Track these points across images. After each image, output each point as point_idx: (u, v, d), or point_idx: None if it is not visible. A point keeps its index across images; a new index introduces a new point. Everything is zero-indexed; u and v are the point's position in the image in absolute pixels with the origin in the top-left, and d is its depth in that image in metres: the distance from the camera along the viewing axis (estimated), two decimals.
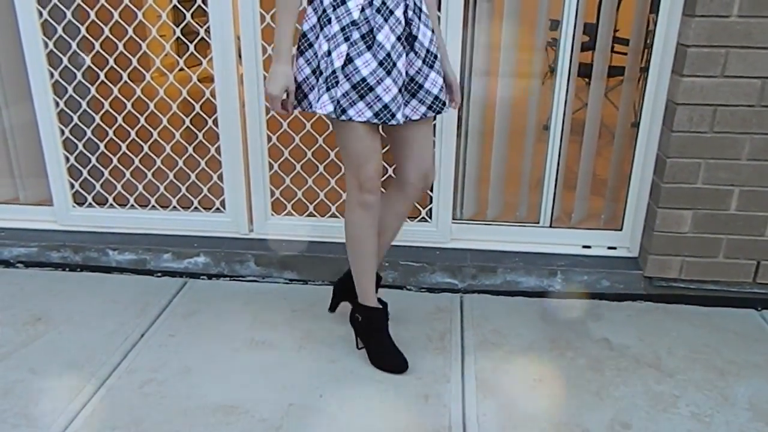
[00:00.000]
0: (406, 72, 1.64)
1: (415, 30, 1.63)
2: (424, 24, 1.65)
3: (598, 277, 2.29)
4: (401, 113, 1.63)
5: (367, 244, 1.82)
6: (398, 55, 1.59)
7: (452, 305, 2.26)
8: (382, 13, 1.57)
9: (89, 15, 2.30)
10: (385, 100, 1.59)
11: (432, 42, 1.67)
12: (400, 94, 1.62)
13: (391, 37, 1.58)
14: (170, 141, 2.47)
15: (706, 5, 1.89)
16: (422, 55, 1.66)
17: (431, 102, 1.70)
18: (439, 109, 1.71)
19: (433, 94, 1.69)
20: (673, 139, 2.05)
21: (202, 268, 2.42)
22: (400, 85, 1.61)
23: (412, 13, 1.62)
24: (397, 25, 1.59)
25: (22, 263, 2.48)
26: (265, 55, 2.26)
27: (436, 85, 1.69)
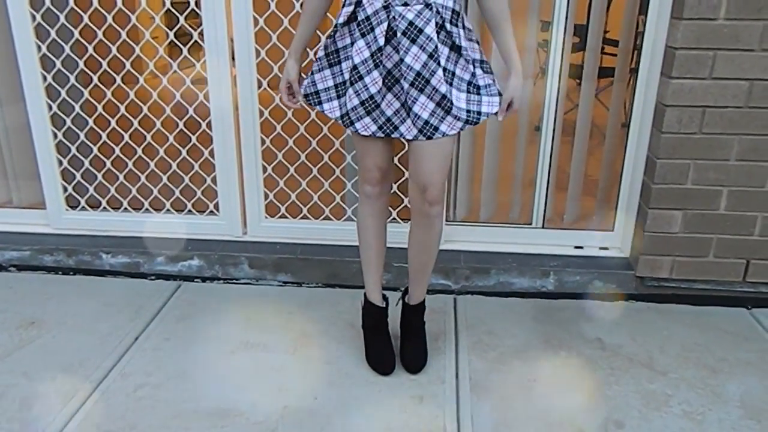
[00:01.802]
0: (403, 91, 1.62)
1: (402, 53, 1.57)
2: (421, 47, 1.57)
3: (590, 278, 2.30)
4: (361, 124, 1.66)
5: (365, 234, 1.89)
6: (367, 71, 1.60)
7: (446, 306, 2.27)
8: (361, 28, 1.59)
9: (82, 19, 2.31)
10: (347, 108, 1.66)
11: (426, 67, 1.58)
12: (362, 107, 1.64)
13: (363, 52, 1.59)
14: (164, 144, 2.47)
15: (694, 8, 1.92)
16: (410, 79, 1.58)
17: (421, 126, 1.62)
18: (430, 134, 1.63)
19: (423, 118, 1.61)
20: (662, 141, 2.07)
21: (196, 271, 2.43)
22: (363, 98, 1.62)
23: (401, 35, 1.56)
24: (373, 42, 1.58)
25: (15, 267, 2.48)
26: (259, 58, 2.27)
27: (426, 110, 1.61)
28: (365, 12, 1.57)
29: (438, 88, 1.59)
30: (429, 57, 1.58)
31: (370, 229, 1.88)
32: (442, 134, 1.63)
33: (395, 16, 1.55)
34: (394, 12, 1.55)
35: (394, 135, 1.67)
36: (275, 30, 2.27)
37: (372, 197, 1.82)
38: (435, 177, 1.70)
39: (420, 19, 1.55)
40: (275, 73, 2.30)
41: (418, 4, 1.55)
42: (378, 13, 1.56)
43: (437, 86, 1.59)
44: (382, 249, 1.91)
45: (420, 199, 1.73)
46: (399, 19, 1.55)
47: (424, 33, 1.56)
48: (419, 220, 1.78)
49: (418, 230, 1.80)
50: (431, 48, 1.57)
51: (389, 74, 1.60)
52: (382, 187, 1.82)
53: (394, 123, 1.65)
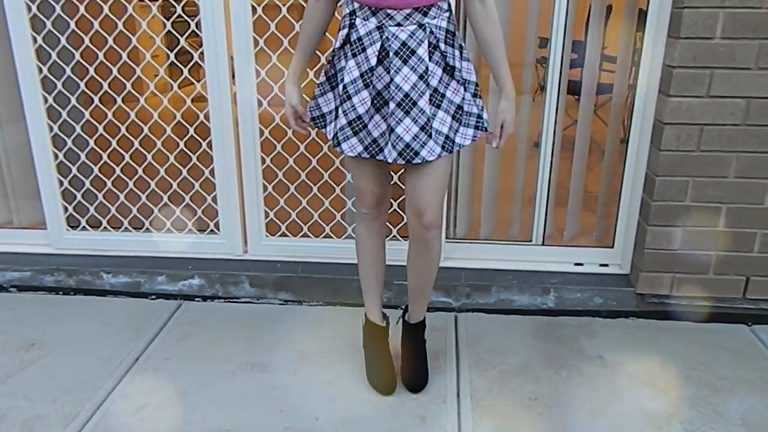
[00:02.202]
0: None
1: (393, 72, 1.56)
2: (412, 68, 1.56)
3: (590, 295, 2.31)
4: (348, 145, 1.63)
5: (364, 255, 1.90)
6: (355, 91, 1.59)
7: (447, 324, 2.27)
8: (353, 48, 1.59)
9: (83, 41, 2.32)
10: (336, 128, 1.65)
11: (415, 88, 1.56)
12: (350, 127, 1.62)
13: (353, 72, 1.59)
14: (164, 164, 2.49)
15: (690, 27, 1.94)
16: (398, 99, 1.56)
17: (401, 149, 1.58)
18: (410, 158, 1.58)
19: (404, 141, 1.57)
20: (661, 158, 2.08)
21: (197, 290, 2.43)
22: (351, 118, 1.61)
23: (394, 55, 1.55)
24: (364, 61, 1.58)
25: (16, 287, 2.48)
26: (259, 78, 2.28)
27: (409, 132, 1.57)
28: (358, 33, 1.58)
29: (424, 109, 1.57)
30: (419, 78, 1.56)
31: (369, 249, 1.88)
32: (421, 159, 1.58)
33: (388, 37, 1.55)
34: (387, 32, 1.55)
35: (378, 157, 1.64)
36: (275, 50, 2.29)
37: (369, 219, 1.83)
38: (430, 201, 1.68)
39: (413, 39, 1.55)
40: (275, 93, 2.32)
41: (411, 25, 1.55)
42: (371, 34, 1.56)
43: (424, 108, 1.57)
44: (381, 268, 1.91)
45: (417, 222, 1.71)
46: (392, 39, 1.55)
47: (416, 54, 1.56)
48: (417, 243, 1.77)
49: (416, 252, 1.80)
50: (422, 69, 1.56)
51: (379, 95, 1.59)
52: (379, 209, 1.82)
53: (380, 145, 1.63)
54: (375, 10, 1.54)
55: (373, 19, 1.55)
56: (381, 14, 1.54)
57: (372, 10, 1.55)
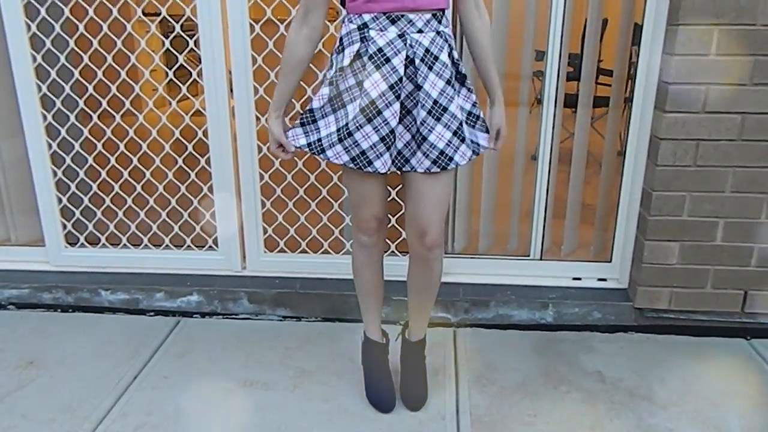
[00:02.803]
0: (416, 121, 1.58)
1: (420, 80, 1.54)
2: (438, 74, 1.55)
3: (589, 309, 2.31)
4: (381, 162, 1.56)
5: (363, 280, 1.88)
6: (386, 104, 1.53)
7: (445, 340, 2.27)
8: (374, 61, 1.53)
9: (82, 59, 2.34)
10: (363, 147, 1.55)
11: (443, 94, 1.56)
12: (383, 143, 1.55)
13: (380, 85, 1.53)
14: (163, 180, 2.49)
15: (685, 44, 1.95)
16: (428, 107, 1.55)
17: (436, 156, 1.58)
18: (445, 164, 1.59)
19: (438, 148, 1.57)
20: (658, 173, 2.09)
21: (195, 306, 2.42)
22: (384, 134, 1.54)
23: (420, 62, 1.53)
24: (391, 73, 1.53)
25: (14, 305, 2.47)
26: (257, 96, 2.29)
27: (442, 139, 1.57)
28: (376, 44, 1.53)
29: (456, 114, 1.58)
30: (446, 83, 1.56)
31: (367, 276, 1.85)
32: (456, 164, 1.61)
33: (412, 44, 1.53)
34: (410, 39, 1.52)
35: (405, 168, 1.62)
36: (273, 68, 2.30)
37: (369, 246, 1.79)
38: (434, 220, 1.67)
39: (434, 46, 1.55)
40: None
41: (431, 32, 1.54)
42: (393, 43, 1.53)
43: (455, 113, 1.58)
44: (380, 291, 1.90)
45: (418, 243, 1.70)
46: (416, 46, 1.53)
47: (439, 60, 1.56)
48: (418, 263, 1.76)
49: (416, 272, 1.79)
50: (448, 75, 1.57)
51: (402, 105, 1.57)
52: (379, 235, 1.79)
53: (405, 156, 1.61)
54: (395, 18, 1.52)
55: (392, 28, 1.52)
56: (402, 21, 1.52)
57: (391, 19, 1.52)
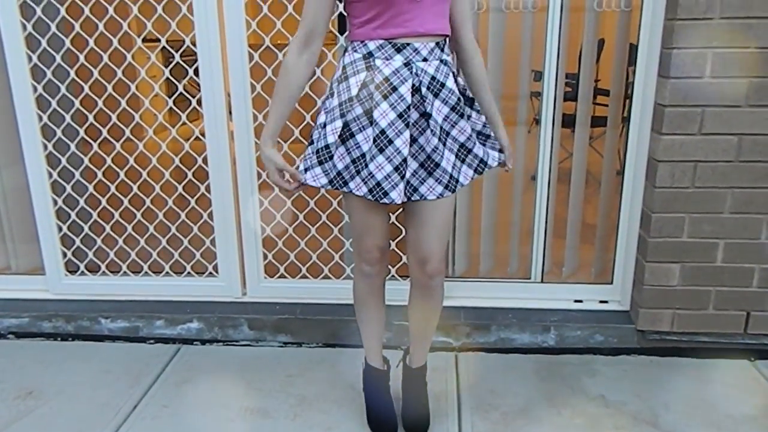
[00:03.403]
0: (423, 149, 1.57)
1: (428, 108, 1.54)
2: (443, 101, 1.57)
3: (591, 332, 2.30)
4: (396, 192, 1.54)
5: (365, 309, 1.87)
6: (396, 133, 1.52)
7: (447, 364, 2.25)
8: (381, 90, 1.53)
9: (83, 89, 2.36)
10: (378, 178, 1.54)
11: (447, 119, 1.58)
12: (397, 173, 1.53)
13: (389, 114, 1.52)
14: (163, 207, 2.50)
15: (680, 67, 1.97)
16: (437, 133, 1.56)
17: (447, 181, 1.59)
18: (454, 187, 1.61)
19: (449, 172, 1.59)
20: (656, 195, 2.10)
21: (196, 333, 2.41)
22: (396, 163, 1.53)
23: (426, 90, 1.54)
24: (399, 101, 1.53)
25: (14, 334, 2.46)
26: (256, 122, 2.31)
27: (449, 163, 1.59)
28: (382, 74, 1.53)
29: (458, 138, 1.61)
30: (451, 110, 1.58)
31: (369, 304, 1.85)
32: (461, 186, 1.64)
33: (417, 72, 1.53)
34: (416, 68, 1.53)
35: (414, 197, 1.60)
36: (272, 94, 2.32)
37: (371, 276, 1.78)
38: (436, 248, 1.67)
39: (440, 73, 1.56)
40: None
41: (435, 60, 1.56)
42: (399, 72, 1.53)
43: (457, 137, 1.61)
44: (381, 319, 1.89)
45: (420, 270, 1.70)
46: (422, 74, 1.54)
47: (446, 86, 1.57)
48: (419, 290, 1.76)
49: (418, 299, 1.78)
50: (453, 101, 1.58)
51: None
52: (381, 264, 1.77)
53: (413, 185, 1.59)
54: (400, 47, 1.52)
55: (398, 56, 1.53)
56: (408, 50, 1.53)
57: (396, 47, 1.53)
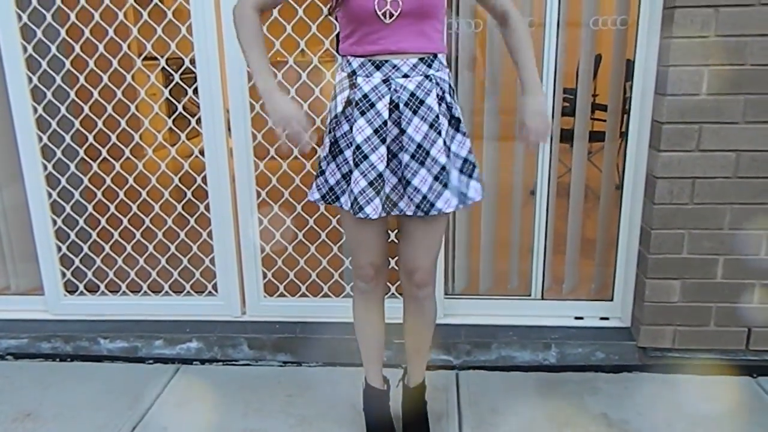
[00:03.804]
0: (401, 165, 1.57)
1: (404, 124, 1.54)
2: (422, 118, 1.55)
3: (592, 349, 2.28)
4: (372, 207, 1.55)
5: (363, 326, 1.87)
6: (372, 149, 1.55)
7: (448, 383, 2.24)
8: (360, 106, 1.55)
9: (83, 110, 2.37)
10: (354, 193, 1.56)
11: (426, 138, 1.55)
12: (371, 188, 1.55)
13: (365, 130, 1.55)
14: (162, 227, 2.50)
15: (676, 85, 1.98)
16: (411, 150, 1.54)
17: (419, 201, 1.56)
18: (426, 210, 1.56)
19: (421, 192, 1.55)
20: (655, 211, 2.10)
21: (195, 353, 2.40)
22: (371, 178, 1.55)
23: (404, 106, 1.54)
24: (375, 117, 1.55)
25: (12, 355, 2.45)
26: (255, 141, 2.32)
27: (425, 183, 1.55)
28: (362, 90, 1.55)
29: (438, 158, 1.55)
30: (430, 127, 1.55)
31: (367, 322, 1.85)
32: (437, 211, 1.56)
33: (396, 88, 1.54)
34: (395, 84, 1.54)
35: (393, 212, 1.61)
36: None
37: (367, 293, 1.79)
38: (422, 261, 1.68)
39: (421, 90, 1.55)
40: (271, 155, 2.35)
41: (418, 76, 1.55)
42: (377, 88, 1.54)
43: (437, 157, 1.55)
44: (381, 337, 1.89)
45: (408, 281, 1.73)
46: (401, 90, 1.54)
47: (425, 104, 1.55)
48: (410, 302, 1.78)
49: (409, 312, 1.81)
50: (432, 118, 1.55)
51: (387, 149, 1.57)
52: (377, 282, 1.78)
53: (393, 199, 1.60)
54: (379, 64, 1.54)
55: (377, 73, 1.54)
56: (386, 67, 1.54)
57: (375, 64, 1.54)
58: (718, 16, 1.91)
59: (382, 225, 1.70)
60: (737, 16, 1.91)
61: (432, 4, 1.52)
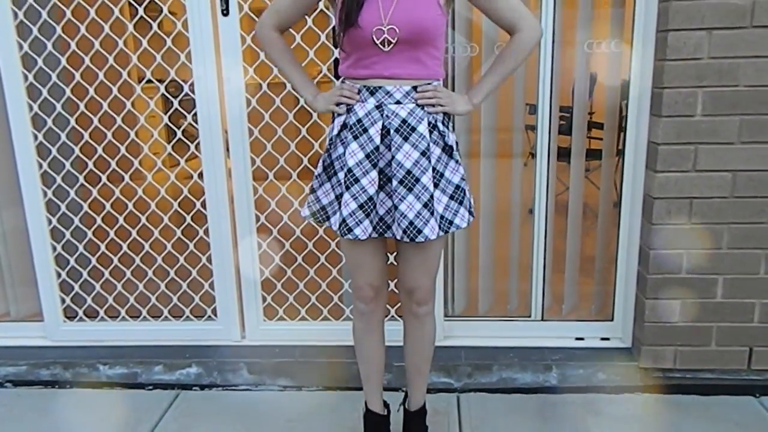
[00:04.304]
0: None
1: (394, 150, 1.57)
2: (413, 145, 1.57)
3: (593, 370, 2.27)
4: (361, 229, 1.59)
5: (362, 348, 1.87)
6: (363, 172, 1.58)
7: (449, 406, 2.22)
8: (353, 131, 1.59)
9: (83, 136, 2.39)
10: (343, 214, 1.60)
11: (417, 164, 1.57)
12: (362, 210, 1.59)
13: (357, 154, 1.58)
14: (161, 252, 2.50)
15: (671, 106, 2.00)
16: (399, 176, 1.57)
17: (405, 226, 1.57)
18: (413, 236, 1.57)
19: (408, 218, 1.56)
20: (653, 231, 2.10)
21: (194, 378, 2.39)
22: (362, 201, 1.58)
23: (395, 132, 1.57)
24: (368, 142, 1.58)
25: (11, 383, 2.44)
26: (254, 166, 2.33)
27: (412, 210, 1.56)
28: (356, 115, 1.60)
29: (428, 186, 1.57)
30: (421, 155, 1.57)
31: (367, 344, 1.85)
32: (424, 238, 1.57)
33: (388, 114, 1.57)
34: (387, 110, 1.57)
35: (386, 234, 1.64)
36: (269, 139, 2.34)
37: (366, 314, 1.80)
38: (421, 281, 1.71)
39: (413, 117, 1.58)
40: (270, 179, 2.36)
41: (410, 103, 1.58)
42: (370, 114, 1.58)
43: (427, 185, 1.57)
44: (381, 360, 1.89)
45: (408, 300, 1.76)
46: (392, 117, 1.57)
47: (416, 131, 1.58)
48: (410, 321, 1.81)
49: (409, 331, 1.83)
50: (423, 146, 1.57)
51: (381, 172, 1.60)
52: (376, 303, 1.79)
53: (387, 222, 1.62)
54: (373, 90, 1.58)
55: (371, 99, 1.58)
56: (380, 93, 1.57)
57: (370, 90, 1.58)
58: (711, 39, 1.94)
59: (380, 246, 1.72)
60: (730, 38, 1.93)
61: (428, 30, 1.54)
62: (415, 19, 1.51)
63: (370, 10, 1.52)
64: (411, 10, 1.52)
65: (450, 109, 1.63)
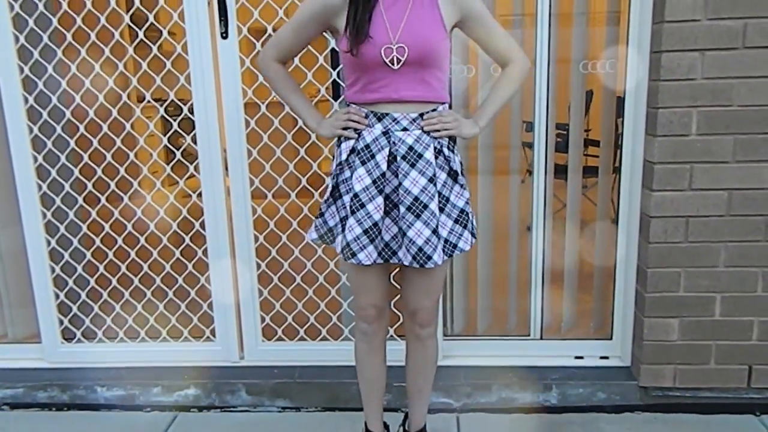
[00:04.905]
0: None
1: (401, 177, 1.58)
2: (420, 171, 1.59)
3: (593, 390, 2.27)
4: (365, 254, 1.60)
5: (364, 369, 1.87)
6: (369, 198, 1.59)
7: (449, 427, 2.21)
8: (361, 156, 1.60)
9: (82, 158, 2.40)
10: (348, 239, 1.61)
11: (425, 191, 1.58)
12: (366, 235, 1.60)
13: (364, 180, 1.59)
14: (160, 273, 2.50)
15: (666, 126, 2.02)
16: (407, 203, 1.58)
17: (414, 253, 1.58)
18: (422, 262, 1.58)
19: (417, 244, 1.57)
20: (650, 250, 2.11)
21: (192, 400, 2.38)
22: (366, 227, 1.59)
23: (401, 159, 1.58)
24: (374, 168, 1.59)
25: (8, 405, 2.42)
26: (253, 187, 2.34)
27: (421, 236, 1.57)
28: (364, 141, 1.61)
29: (436, 212, 1.59)
30: (429, 181, 1.59)
31: (369, 365, 1.85)
32: (434, 264, 1.59)
33: (395, 141, 1.59)
34: (393, 137, 1.59)
35: (392, 260, 1.64)
36: (268, 160, 2.36)
37: (369, 334, 1.80)
38: (425, 303, 1.72)
39: (419, 144, 1.60)
40: (269, 200, 2.37)
41: (417, 129, 1.60)
42: (378, 140, 1.60)
43: (435, 211, 1.59)
44: (382, 381, 1.89)
45: (411, 321, 1.77)
46: (399, 143, 1.59)
47: (423, 157, 1.59)
48: (412, 342, 1.81)
49: (412, 353, 1.83)
50: (430, 173, 1.59)
51: (387, 198, 1.61)
52: (379, 323, 1.79)
53: (392, 248, 1.63)
54: (380, 116, 1.59)
55: (378, 125, 1.60)
56: (387, 120, 1.59)
57: (378, 116, 1.60)
58: (704, 60, 1.96)
59: (383, 268, 1.73)
60: (723, 59, 1.96)
61: (435, 52, 1.57)
62: (423, 39, 1.54)
63: (377, 28, 1.54)
64: (419, 29, 1.55)
65: (457, 132, 1.65)
